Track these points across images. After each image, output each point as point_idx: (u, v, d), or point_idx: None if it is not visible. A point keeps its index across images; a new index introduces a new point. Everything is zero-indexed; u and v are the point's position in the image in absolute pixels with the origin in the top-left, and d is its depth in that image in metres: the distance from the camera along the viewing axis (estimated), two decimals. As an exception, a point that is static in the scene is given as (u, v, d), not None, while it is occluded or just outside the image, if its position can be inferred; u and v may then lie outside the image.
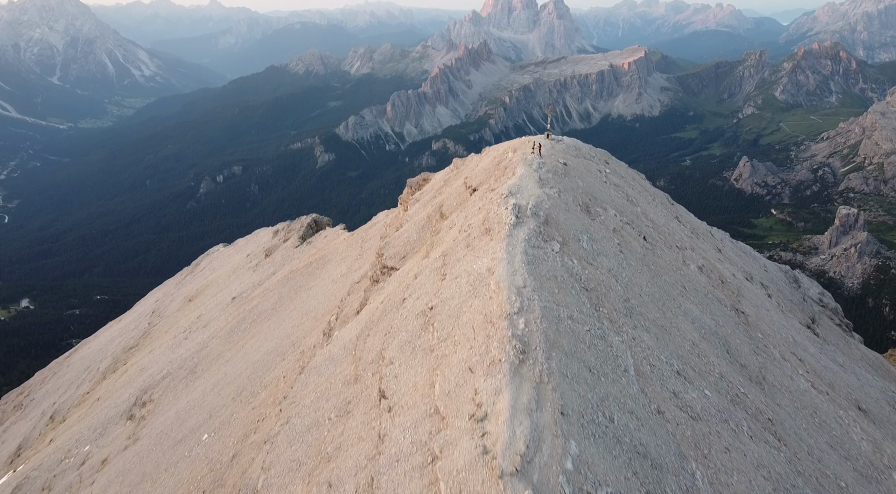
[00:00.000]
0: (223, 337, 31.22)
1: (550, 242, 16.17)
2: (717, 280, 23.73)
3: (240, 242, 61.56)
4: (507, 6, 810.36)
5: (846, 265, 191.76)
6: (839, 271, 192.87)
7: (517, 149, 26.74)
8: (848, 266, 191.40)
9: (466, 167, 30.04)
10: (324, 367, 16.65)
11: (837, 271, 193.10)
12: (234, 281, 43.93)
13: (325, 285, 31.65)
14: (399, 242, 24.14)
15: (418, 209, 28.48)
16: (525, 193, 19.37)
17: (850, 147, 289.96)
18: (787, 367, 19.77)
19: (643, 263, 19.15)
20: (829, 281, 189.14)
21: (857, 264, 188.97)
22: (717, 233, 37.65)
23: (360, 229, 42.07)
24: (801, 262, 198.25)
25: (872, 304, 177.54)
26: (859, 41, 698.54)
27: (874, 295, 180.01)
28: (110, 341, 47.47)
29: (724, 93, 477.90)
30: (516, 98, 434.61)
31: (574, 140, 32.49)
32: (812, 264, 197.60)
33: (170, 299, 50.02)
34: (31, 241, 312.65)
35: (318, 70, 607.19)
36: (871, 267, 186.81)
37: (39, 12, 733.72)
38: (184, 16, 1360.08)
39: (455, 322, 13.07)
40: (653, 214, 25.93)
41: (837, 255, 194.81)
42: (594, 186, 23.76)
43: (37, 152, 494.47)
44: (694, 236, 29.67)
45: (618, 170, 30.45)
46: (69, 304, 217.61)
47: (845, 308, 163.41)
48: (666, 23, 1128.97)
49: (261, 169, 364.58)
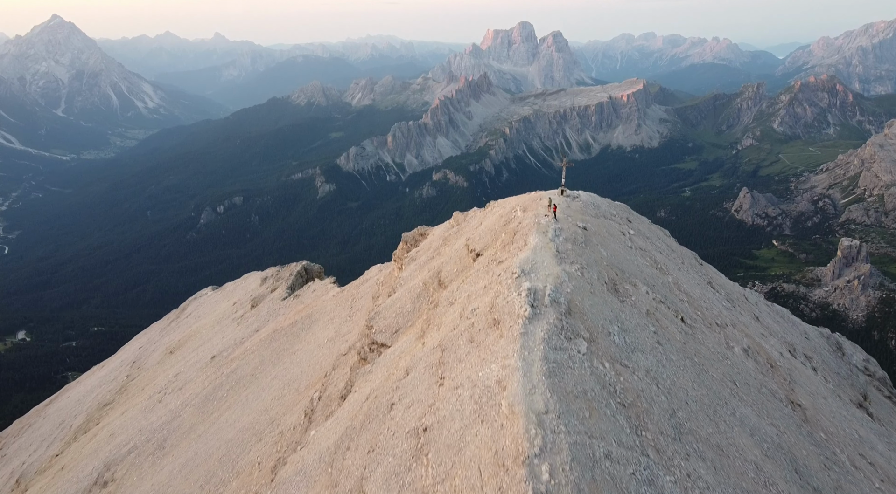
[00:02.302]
0: (197, 406, 28.86)
1: (575, 340, 13.54)
2: (766, 363, 21.32)
3: (228, 287, 59.44)
4: (506, 40, 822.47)
5: (850, 297, 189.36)
6: (843, 303, 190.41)
7: (527, 207, 24.20)
8: (852, 298, 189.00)
9: (468, 224, 27.68)
10: (294, 487, 14.23)
11: (841, 303, 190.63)
12: (217, 333, 41.78)
13: (310, 350, 29.38)
14: (391, 312, 21.82)
15: (414, 271, 26.08)
16: (541, 272, 16.69)
17: (850, 178, 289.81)
18: (860, 479, 17.15)
19: (685, 355, 16.53)
20: (834, 313, 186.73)
21: (861, 296, 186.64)
22: (751, 295, 34.91)
23: (351, 285, 39.76)
24: (804, 294, 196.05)
25: (878, 337, 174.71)
26: (855, 74, 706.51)
27: (879, 328, 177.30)
28: (88, 392, 45.22)
29: (723, 125, 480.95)
30: (516, 129, 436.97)
31: (591, 195, 29.78)
32: (815, 296, 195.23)
33: (152, 348, 47.83)
34: (29, 272, 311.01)
35: (319, 101, 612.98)
36: (875, 300, 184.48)
37: (46, 46, 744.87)
38: (188, 49, 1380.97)
39: (456, 456, 10.46)
40: (685, 283, 23.55)
41: (841, 287, 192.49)
42: (620, 255, 21.32)
43: (39, 183, 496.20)
44: (731, 305, 27.16)
45: (641, 229, 28.06)
46: (66, 336, 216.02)
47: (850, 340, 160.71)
48: (663, 56, 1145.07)
49: (261, 199, 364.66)
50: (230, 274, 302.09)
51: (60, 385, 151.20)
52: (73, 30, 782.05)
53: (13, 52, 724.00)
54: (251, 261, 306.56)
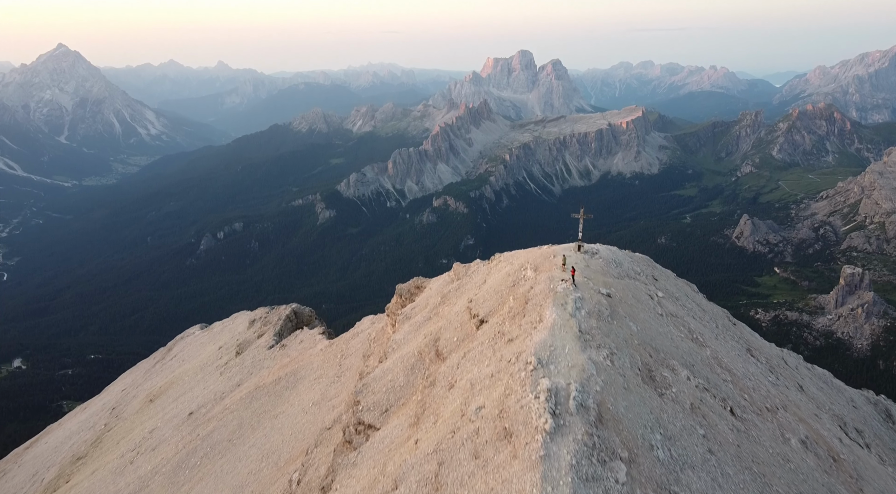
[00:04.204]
0: (167, 475, 27.44)
1: (611, 464, 11.05)
2: (828, 456, 19.19)
3: (216, 326, 58.22)
4: (506, 67, 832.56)
5: (854, 325, 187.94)
6: (847, 332, 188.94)
7: (538, 266, 21.63)
8: (856, 326, 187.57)
9: (470, 280, 25.40)
10: None
11: (845, 332, 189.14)
12: (199, 383, 40.50)
13: (293, 415, 27.79)
14: (381, 386, 19.84)
15: (408, 333, 23.92)
16: (563, 363, 14.17)
17: (850, 206, 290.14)
18: None
19: (742, 464, 14.03)
20: (838, 342, 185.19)
21: (866, 325, 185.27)
22: (790, 358, 32.27)
23: (341, 339, 37.78)
24: (807, 322, 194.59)
25: (884, 367, 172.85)
26: (852, 103, 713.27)
27: (884, 356, 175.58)
28: (66, 439, 43.88)
29: (722, 152, 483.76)
30: (516, 155, 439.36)
31: (611, 249, 26.94)
32: (819, 324, 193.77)
33: (134, 393, 46.55)
34: (28, 299, 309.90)
35: (320, 128, 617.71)
36: (879, 328, 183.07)
37: (51, 75, 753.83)
38: (192, 76, 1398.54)
39: None
40: (725, 355, 21.13)
41: (844, 315, 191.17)
42: (651, 328, 18.86)
43: (40, 209, 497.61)
44: (775, 378, 24.80)
45: (669, 289, 25.68)
46: (62, 364, 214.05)
47: (856, 369, 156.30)
48: (662, 84, 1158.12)
49: (262, 225, 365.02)
50: (229, 300, 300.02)
51: (55, 414, 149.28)
52: (78, 58, 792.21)
53: (18, 81, 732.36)
54: (250, 288, 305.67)
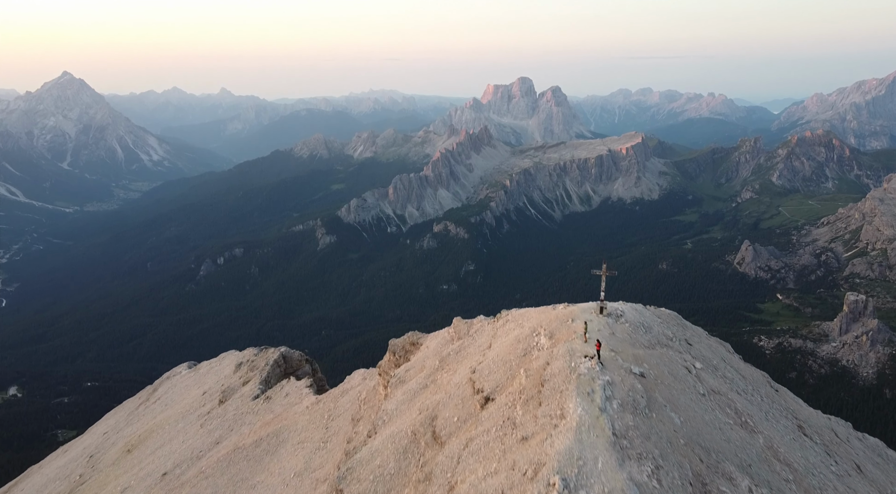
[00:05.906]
0: None
1: None
2: None
3: (203, 367, 56.89)
4: (506, 94, 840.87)
5: (859, 353, 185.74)
6: (852, 360, 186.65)
7: (553, 333, 19.01)
8: (861, 354, 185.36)
9: (473, 342, 22.91)
10: None
11: (850, 360, 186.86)
12: (179, 433, 39.17)
13: (273, 487, 25.74)
14: (368, 473, 17.65)
15: (402, 403, 21.65)
16: (596, 487, 11.19)
17: (852, 232, 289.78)
18: None
19: None
20: (843, 370, 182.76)
21: (871, 353, 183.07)
22: (839, 428, 29.49)
23: (329, 395, 35.67)
24: (812, 350, 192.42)
25: (890, 396, 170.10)
26: (850, 129, 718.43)
27: (891, 385, 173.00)
28: (42, 488, 42.32)
29: (722, 178, 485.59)
30: (517, 181, 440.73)
31: (636, 308, 23.64)
32: (824, 352, 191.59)
33: (114, 439, 45.17)
34: (25, 325, 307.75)
35: (322, 154, 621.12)
36: (885, 356, 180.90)
37: (55, 102, 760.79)
38: (195, 103, 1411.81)
39: None
40: (780, 442, 18.45)
41: (849, 343, 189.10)
42: (696, 416, 16.03)
43: (41, 235, 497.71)
44: (835, 463, 21.82)
45: (705, 355, 22.86)
46: (58, 392, 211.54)
47: (862, 398, 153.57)
48: (660, 110, 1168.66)
49: (262, 251, 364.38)
50: (228, 326, 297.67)
51: (49, 444, 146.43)
52: (82, 86, 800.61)
53: (23, 108, 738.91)
54: (250, 314, 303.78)
